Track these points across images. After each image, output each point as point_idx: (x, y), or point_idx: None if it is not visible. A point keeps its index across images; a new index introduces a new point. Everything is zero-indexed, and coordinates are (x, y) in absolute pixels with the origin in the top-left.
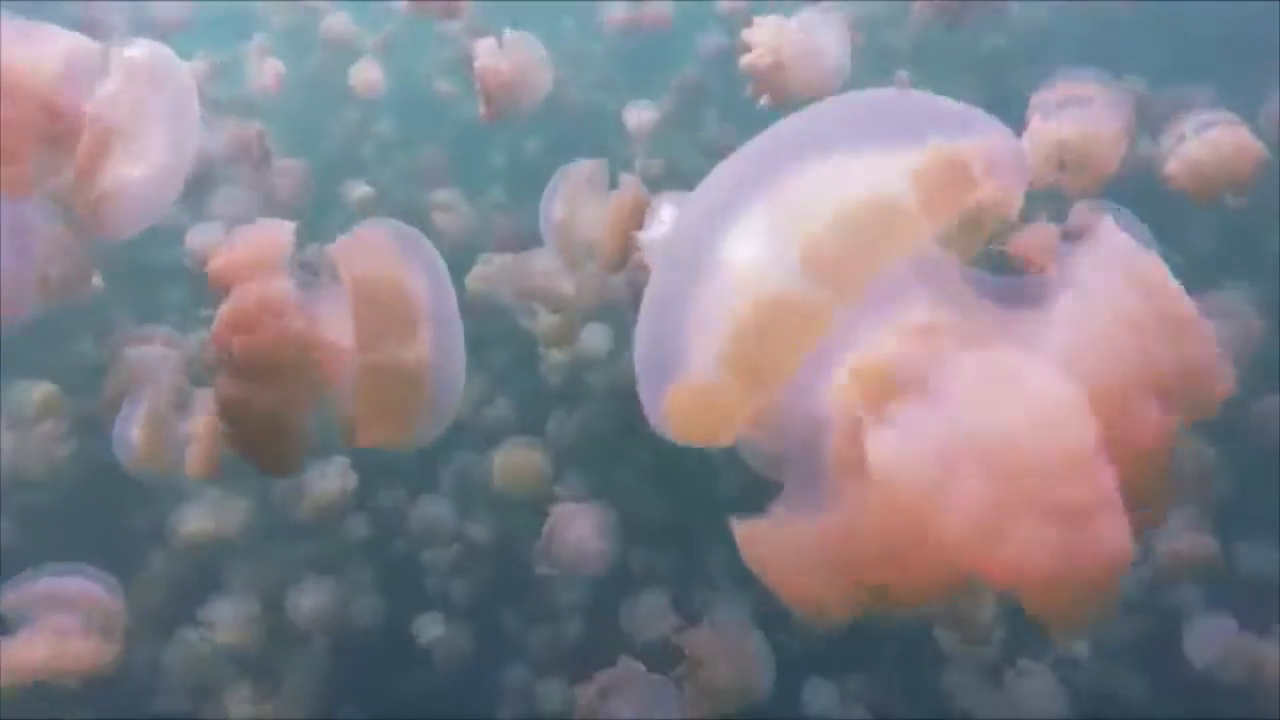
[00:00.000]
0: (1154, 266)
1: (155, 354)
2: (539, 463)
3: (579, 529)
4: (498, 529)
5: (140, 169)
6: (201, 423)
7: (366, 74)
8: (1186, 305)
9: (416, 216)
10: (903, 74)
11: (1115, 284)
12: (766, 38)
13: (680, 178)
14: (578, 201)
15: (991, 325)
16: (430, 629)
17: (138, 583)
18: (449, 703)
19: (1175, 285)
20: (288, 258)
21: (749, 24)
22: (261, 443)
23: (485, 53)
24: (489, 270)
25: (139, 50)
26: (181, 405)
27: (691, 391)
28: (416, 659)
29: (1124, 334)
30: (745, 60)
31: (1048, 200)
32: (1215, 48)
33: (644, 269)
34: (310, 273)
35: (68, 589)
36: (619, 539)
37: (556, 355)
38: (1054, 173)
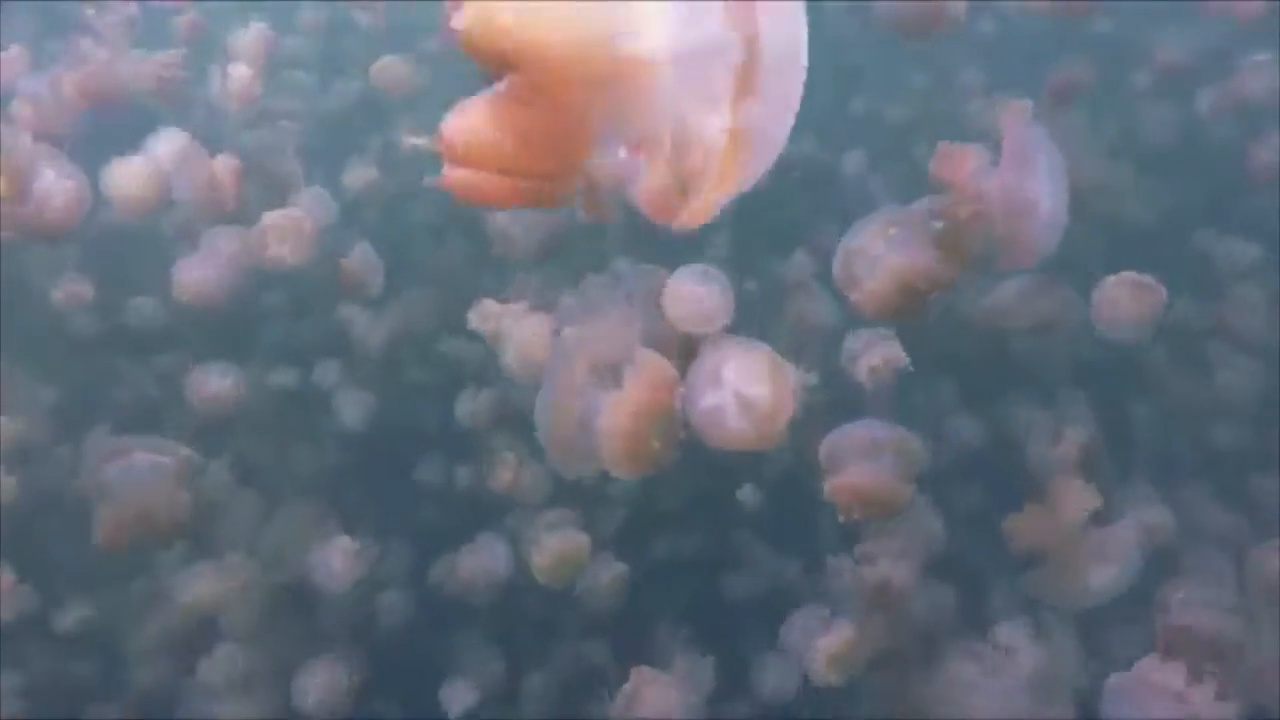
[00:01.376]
0: None
1: (144, 465)
2: (582, 548)
3: (659, 705)
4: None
5: None
6: None
7: (394, 70)
8: None
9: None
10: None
11: None
12: (965, 175)
13: None
14: (594, 384)
15: None
16: (463, 697)
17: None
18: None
19: None
20: None
21: None
22: None
23: None
24: (496, 321)
25: None
26: None
27: None
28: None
29: None
30: (935, 208)
31: None
32: None
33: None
34: None
35: None
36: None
37: None
38: None
